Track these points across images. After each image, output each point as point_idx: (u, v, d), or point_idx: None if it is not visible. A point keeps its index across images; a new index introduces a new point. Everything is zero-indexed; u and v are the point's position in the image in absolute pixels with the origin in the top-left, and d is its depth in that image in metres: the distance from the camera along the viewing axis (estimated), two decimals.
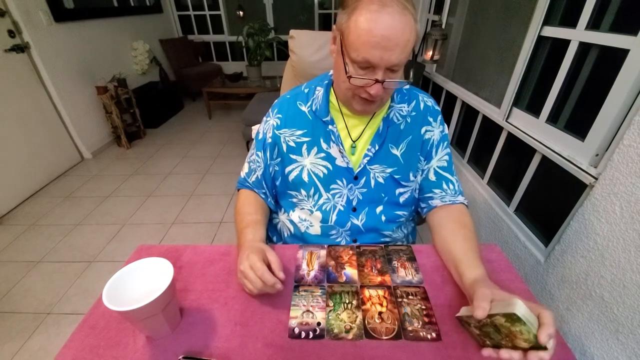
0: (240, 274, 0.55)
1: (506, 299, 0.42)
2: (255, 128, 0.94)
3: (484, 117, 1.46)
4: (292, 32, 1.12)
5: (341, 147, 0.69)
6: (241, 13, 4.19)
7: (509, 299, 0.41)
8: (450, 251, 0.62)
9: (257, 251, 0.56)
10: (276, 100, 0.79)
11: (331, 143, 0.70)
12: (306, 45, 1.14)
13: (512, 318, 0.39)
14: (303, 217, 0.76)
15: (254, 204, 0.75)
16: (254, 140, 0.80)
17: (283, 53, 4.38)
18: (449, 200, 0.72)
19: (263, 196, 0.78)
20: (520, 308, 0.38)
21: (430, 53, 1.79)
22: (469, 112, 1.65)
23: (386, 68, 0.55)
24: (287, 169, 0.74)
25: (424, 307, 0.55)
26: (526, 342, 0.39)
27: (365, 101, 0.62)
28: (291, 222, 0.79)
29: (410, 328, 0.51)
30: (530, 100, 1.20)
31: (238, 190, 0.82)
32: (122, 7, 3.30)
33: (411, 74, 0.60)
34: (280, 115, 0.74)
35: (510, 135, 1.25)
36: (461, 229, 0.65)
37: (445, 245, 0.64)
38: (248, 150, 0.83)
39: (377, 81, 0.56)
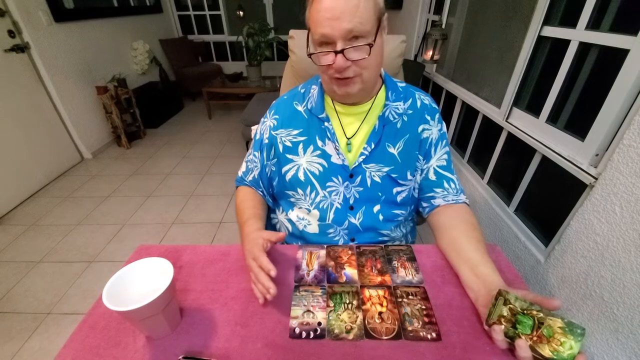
0: (248, 267, 0.58)
1: None
2: (254, 128, 0.94)
3: (484, 117, 1.46)
4: (292, 32, 1.11)
5: (336, 144, 0.69)
6: (241, 13, 4.19)
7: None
8: (462, 252, 0.61)
9: (257, 244, 0.58)
10: (274, 102, 0.79)
11: (326, 140, 0.70)
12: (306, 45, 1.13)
13: (574, 330, 0.40)
14: (301, 215, 0.77)
15: (252, 199, 0.77)
16: (252, 140, 0.81)
17: (283, 53, 4.37)
18: (452, 200, 0.72)
19: (261, 194, 0.80)
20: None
21: (430, 53, 1.79)
22: (469, 112, 1.65)
23: (345, 39, 0.56)
24: (284, 169, 0.74)
25: (424, 307, 0.55)
26: (554, 353, 0.40)
27: (340, 81, 0.62)
28: (289, 220, 0.79)
29: (410, 328, 0.51)
30: (530, 100, 1.20)
31: (237, 187, 0.83)
32: (122, 7, 3.30)
33: (380, 37, 0.60)
34: (277, 116, 0.75)
35: (510, 135, 1.25)
36: (472, 230, 0.64)
37: (457, 246, 0.63)
38: (248, 150, 0.84)
39: (336, 53, 0.57)
